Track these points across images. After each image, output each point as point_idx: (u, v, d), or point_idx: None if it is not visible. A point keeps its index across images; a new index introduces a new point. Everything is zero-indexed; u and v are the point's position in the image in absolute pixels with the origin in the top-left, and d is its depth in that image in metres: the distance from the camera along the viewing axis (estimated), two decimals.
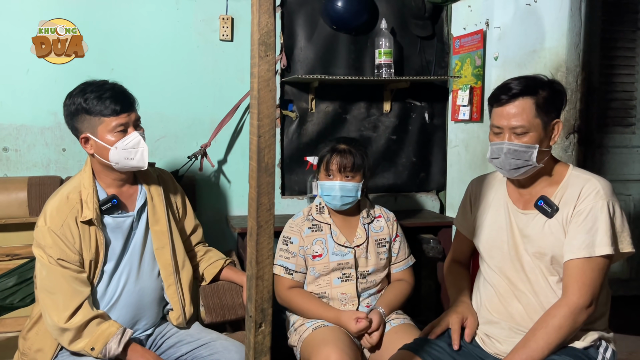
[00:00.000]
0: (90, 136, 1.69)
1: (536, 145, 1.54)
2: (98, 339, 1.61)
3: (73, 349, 1.64)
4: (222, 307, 1.95)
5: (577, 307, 1.49)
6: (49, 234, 1.64)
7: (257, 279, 1.02)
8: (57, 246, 1.64)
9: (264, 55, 0.96)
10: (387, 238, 2.10)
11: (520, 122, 1.54)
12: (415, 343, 1.72)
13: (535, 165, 1.56)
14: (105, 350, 1.61)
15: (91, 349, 1.61)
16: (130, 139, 1.69)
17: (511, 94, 1.55)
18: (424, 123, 2.97)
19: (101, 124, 1.67)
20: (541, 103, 1.54)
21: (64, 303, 1.62)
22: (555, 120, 1.58)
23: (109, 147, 1.67)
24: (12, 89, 2.39)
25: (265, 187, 1.00)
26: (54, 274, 1.63)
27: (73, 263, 1.65)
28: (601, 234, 1.50)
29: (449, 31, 2.94)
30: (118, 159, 1.68)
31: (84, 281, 1.67)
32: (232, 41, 2.65)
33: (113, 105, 1.66)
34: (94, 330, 1.63)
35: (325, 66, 2.79)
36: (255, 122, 0.99)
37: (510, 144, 1.55)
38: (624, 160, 3.40)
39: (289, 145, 2.79)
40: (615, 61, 3.28)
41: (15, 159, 2.43)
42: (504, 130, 1.57)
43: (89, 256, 1.68)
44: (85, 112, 1.67)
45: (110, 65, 2.45)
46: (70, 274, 1.64)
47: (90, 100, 1.66)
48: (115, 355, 1.63)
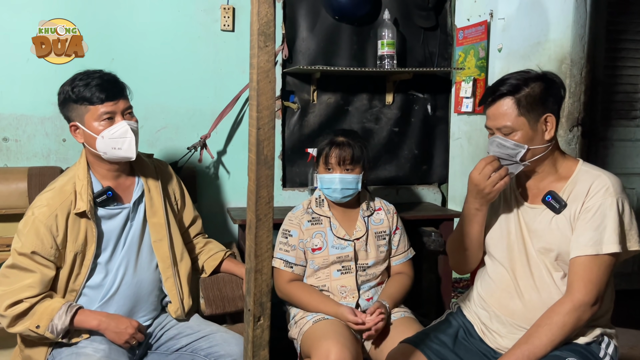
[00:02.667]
0: (78, 124, 1.69)
1: (525, 145, 1.54)
2: (42, 315, 1.59)
3: (14, 331, 1.61)
4: (222, 299, 1.94)
5: (581, 305, 1.48)
6: (33, 224, 1.62)
7: (256, 272, 1.01)
8: (36, 236, 1.61)
9: (263, 45, 0.95)
10: (387, 231, 2.09)
11: (503, 123, 1.55)
12: (416, 337, 1.72)
13: (518, 163, 1.56)
14: (51, 327, 1.59)
15: (36, 326, 1.58)
16: (117, 129, 1.67)
17: (494, 95, 1.57)
18: (426, 115, 2.95)
19: (87, 112, 1.67)
20: (523, 102, 1.53)
21: (13, 291, 1.59)
22: (546, 115, 1.56)
23: (96, 135, 1.67)
24: (12, 78, 2.37)
25: (264, 180, 0.99)
26: (17, 263, 1.62)
27: (46, 257, 1.63)
28: (609, 232, 1.48)
29: (453, 22, 2.91)
30: (105, 148, 1.67)
31: (46, 280, 1.64)
32: (234, 31, 2.63)
33: (98, 92, 1.65)
34: (38, 309, 1.60)
35: (327, 57, 2.77)
36: (254, 114, 0.97)
37: (500, 138, 1.56)
38: (627, 154, 3.38)
39: (290, 136, 2.78)
40: (620, 53, 3.26)
41: (15, 149, 2.42)
42: (494, 131, 1.60)
43: (74, 248, 1.66)
44: (72, 101, 1.67)
45: (110, 56, 2.43)
46: (36, 268, 1.62)
47: (77, 88, 1.65)
48: (64, 328, 1.60)
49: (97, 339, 1.67)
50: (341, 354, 1.68)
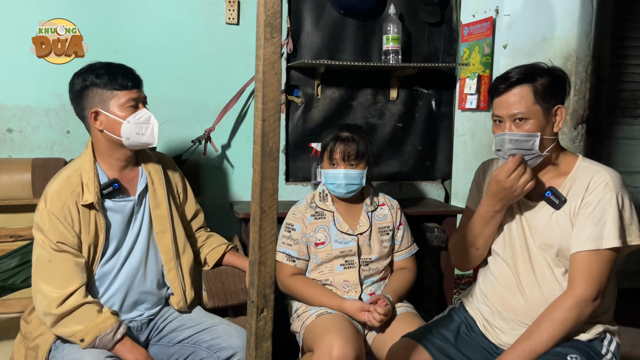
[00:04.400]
0: (100, 110, 1.69)
1: (537, 133, 1.53)
2: (89, 331, 1.58)
3: (58, 332, 1.61)
4: (225, 292, 1.95)
5: (583, 300, 1.47)
6: (49, 216, 1.63)
7: (259, 264, 1.01)
8: (56, 229, 1.63)
9: (269, 37, 0.94)
10: (391, 226, 2.09)
11: (519, 109, 1.53)
12: (418, 331, 1.72)
13: (540, 154, 1.55)
14: (94, 343, 1.59)
15: (80, 340, 1.58)
16: (142, 114, 1.70)
17: (509, 82, 1.55)
18: (430, 111, 2.95)
19: (113, 97, 1.68)
20: (539, 90, 1.53)
21: (59, 287, 1.60)
22: (557, 107, 1.57)
23: (121, 120, 1.68)
24: (17, 69, 2.37)
25: (269, 172, 0.99)
26: (52, 257, 1.62)
27: (72, 246, 1.64)
28: (609, 227, 1.48)
29: (458, 18, 2.90)
30: (129, 133, 1.68)
31: (82, 267, 1.66)
32: (238, 25, 2.62)
33: (125, 80, 1.68)
34: (86, 318, 1.59)
35: (332, 51, 2.76)
36: (259, 105, 0.97)
37: (511, 134, 1.54)
38: (632, 152, 3.37)
39: (293, 131, 2.77)
40: (625, 51, 3.24)
41: (19, 140, 2.42)
42: (505, 120, 1.57)
43: (87, 240, 1.67)
44: (96, 86, 1.68)
45: (114, 48, 2.43)
46: (69, 258, 1.63)
47: (101, 75, 1.67)
48: (103, 348, 1.60)
49: None
50: (344, 349, 1.69)
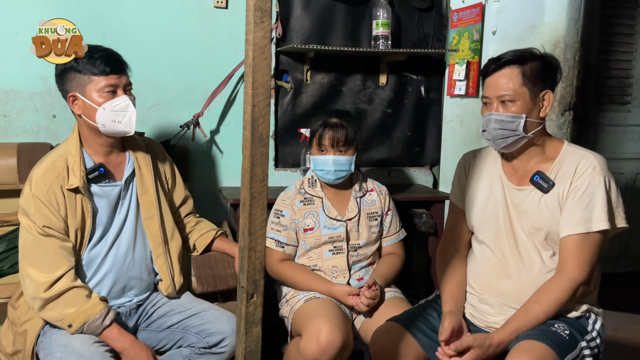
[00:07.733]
0: (78, 95, 1.67)
1: (523, 115, 1.56)
2: (77, 316, 1.58)
3: (47, 316, 1.60)
4: (214, 278, 1.95)
5: (578, 283, 1.52)
6: (34, 200, 1.62)
7: (249, 250, 1.01)
8: (42, 213, 1.61)
9: (259, 21, 0.93)
10: (379, 212, 2.10)
11: (506, 90, 1.56)
12: (404, 315, 1.74)
13: (524, 135, 1.57)
14: (82, 329, 1.59)
15: (69, 325, 1.58)
16: (119, 102, 1.67)
17: (499, 63, 1.59)
18: (420, 97, 2.95)
19: (90, 82, 1.65)
20: (528, 72, 1.56)
21: (46, 271, 1.59)
22: (545, 91, 1.59)
23: (97, 107, 1.65)
24: (1, 52, 2.33)
25: (259, 158, 0.99)
26: (38, 241, 1.61)
27: (58, 231, 1.63)
28: (598, 210, 1.52)
29: (448, 4, 2.89)
30: (105, 120, 1.66)
31: (69, 250, 1.65)
32: (227, 8, 2.59)
33: (103, 65, 1.65)
34: (75, 302, 1.59)
35: (322, 36, 2.74)
36: (249, 90, 0.96)
37: (497, 114, 1.57)
38: (618, 139, 3.41)
39: (283, 116, 2.76)
40: (613, 38, 3.26)
41: (4, 125, 2.39)
42: (492, 100, 1.60)
43: (74, 224, 1.66)
44: (75, 71, 1.65)
45: (101, 31, 2.39)
46: (56, 242, 1.62)
47: (81, 60, 1.64)
48: (91, 334, 1.60)
49: None
50: (331, 333, 1.70)
